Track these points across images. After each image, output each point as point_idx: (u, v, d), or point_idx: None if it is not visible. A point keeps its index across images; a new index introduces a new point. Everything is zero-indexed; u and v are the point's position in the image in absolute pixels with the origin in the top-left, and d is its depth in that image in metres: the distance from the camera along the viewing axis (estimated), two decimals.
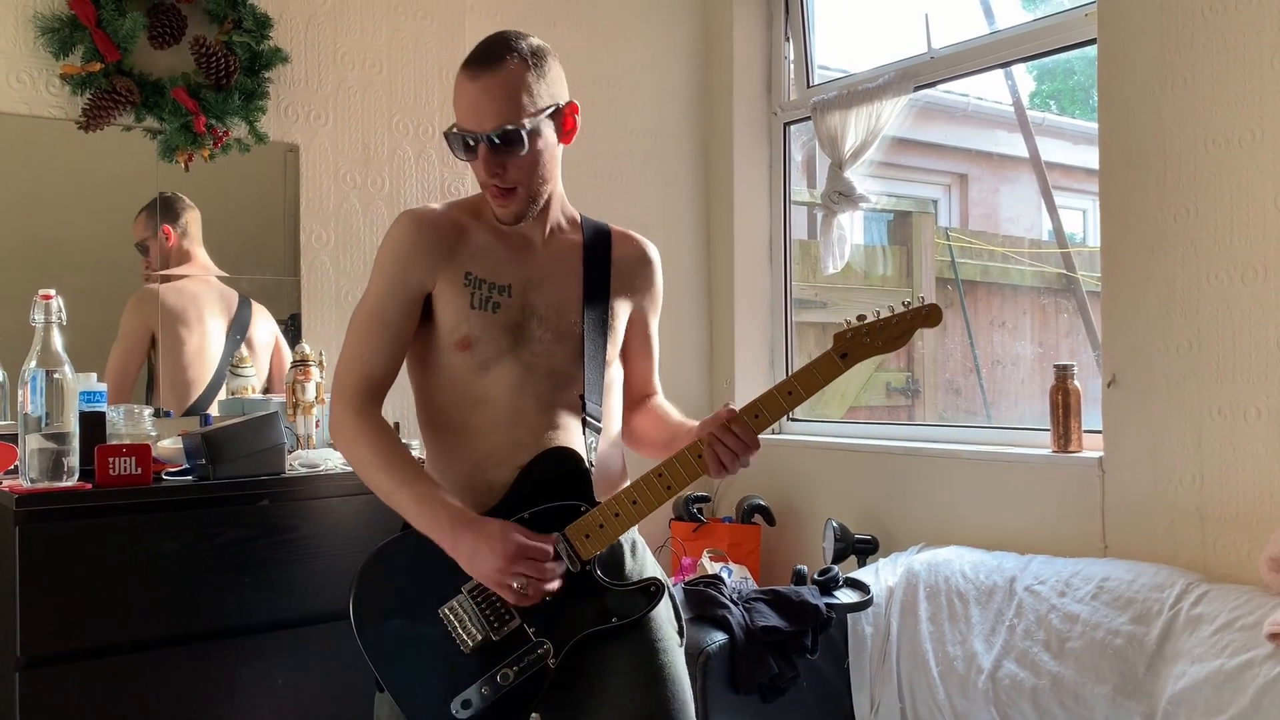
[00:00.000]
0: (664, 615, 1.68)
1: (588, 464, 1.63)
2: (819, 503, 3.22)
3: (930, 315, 1.61)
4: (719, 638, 2.35)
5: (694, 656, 2.29)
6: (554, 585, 1.55)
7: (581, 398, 1.66)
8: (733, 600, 2.47)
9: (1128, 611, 2.22)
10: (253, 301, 2.75)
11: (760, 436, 3.56)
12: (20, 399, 1.99)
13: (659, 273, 1.83)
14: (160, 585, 2.09)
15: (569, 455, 1.62)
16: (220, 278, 2.71)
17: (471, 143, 1.59)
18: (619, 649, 1.61)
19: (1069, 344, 3.58)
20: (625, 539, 1.69)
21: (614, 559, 1.66)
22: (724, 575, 2.77)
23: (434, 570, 1.57)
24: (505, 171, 1.59)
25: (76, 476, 2.03)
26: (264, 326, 2.75)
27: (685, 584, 2.58)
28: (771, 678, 2.37)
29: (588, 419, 1.66)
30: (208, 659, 2.13)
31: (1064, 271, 3.48)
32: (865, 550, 2.93)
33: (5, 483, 2.11)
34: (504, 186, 1.61)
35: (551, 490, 1.61)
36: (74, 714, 1.99)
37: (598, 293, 1.71)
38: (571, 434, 1.65)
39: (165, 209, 2.63)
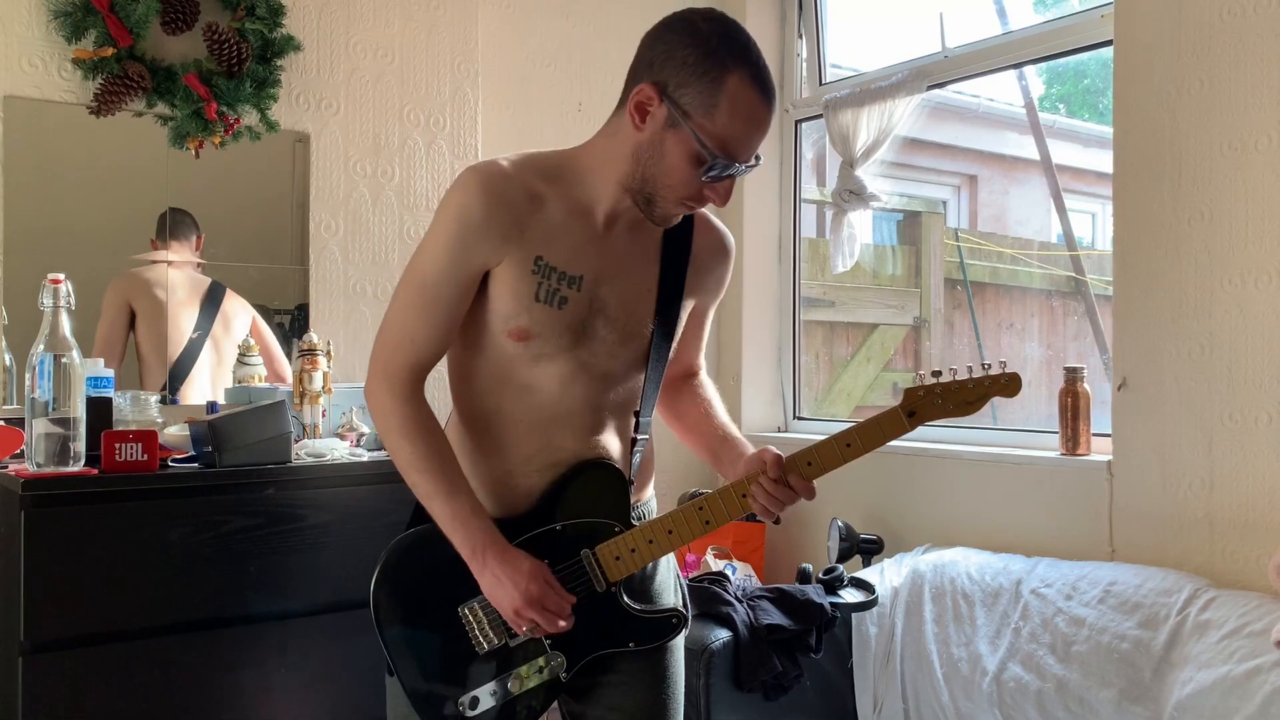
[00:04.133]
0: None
1: (629, 480, 1.57)
2: (824, 502, 3.18)
3: (1010, 385, 1.53)
4: (723, 635, 2.34)
5: (697, 653, 2.29)
6: (567, 627, 1.50)
7: (636, 414, 1.59)
8: (737, 598, 2.47)
9: (1135, 616, 2.21)
10: (225, 286, 2.72)
11: (766, 435, 3.55)
12: (28, 383, 1.99)
13: (731, 266, 1.71)
14: (165, 572, 2.09)
15: (611, 472, 1.56)
16: (217, 265, 2.70)
17: (727, 173, 1.45)
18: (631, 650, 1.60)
19: (1077, 347, 3.57)
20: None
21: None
22: (728, 572, 2.76)
23: (457, 570, 1.53)
24: None
25: (83, 462, 2.03)
26: (237, 307, 2.72)
27: (689, 580, 2.58)
28: (775, 676, 2.36)
29: (637, 437, 1.59)
30: (212, 647, 2.13)
31: (1073, 275, 3.47)
32: (870, 550, 2.92)
33: (11, 467, 2.11)
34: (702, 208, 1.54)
35: (588, 505, 1.55)
36: (77, 700, 1.99)
37: (672, 291, 1.58)
38: (615, 444, 1.58)
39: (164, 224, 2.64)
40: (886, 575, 2.66)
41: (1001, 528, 2.72)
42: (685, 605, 1.70)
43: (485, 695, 1.55)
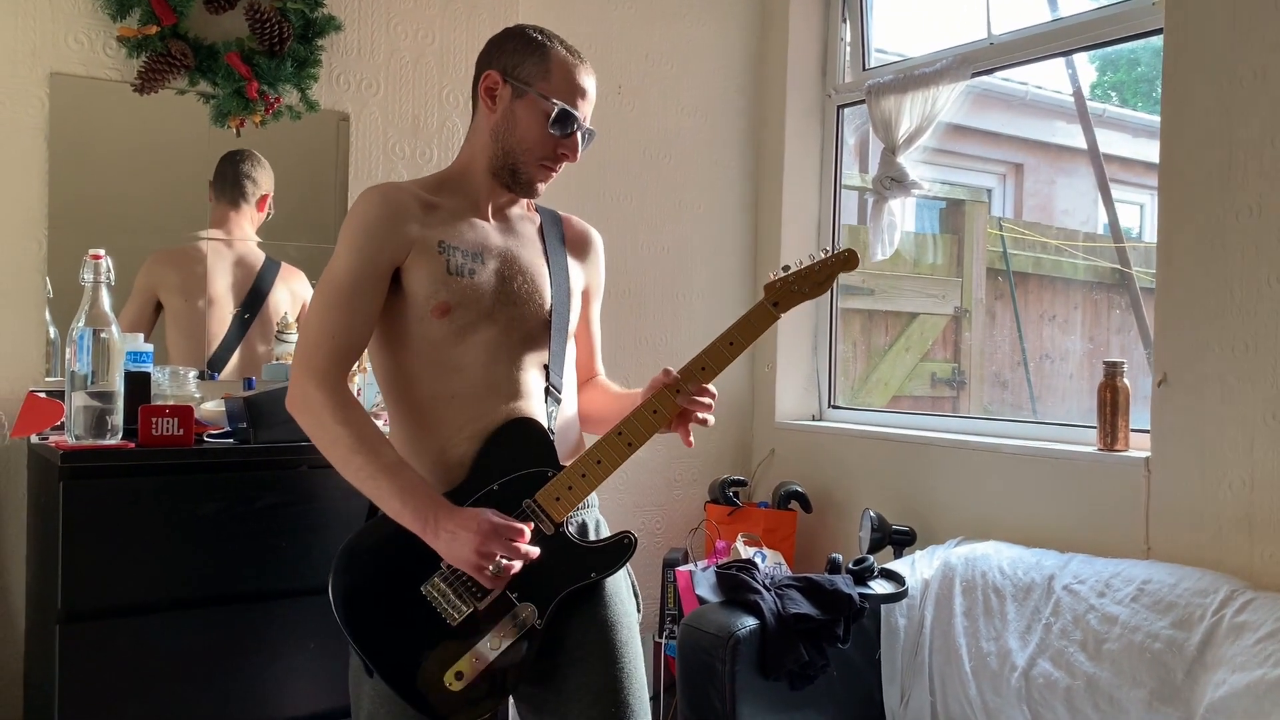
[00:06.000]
0: (625, 592, 1.75)
1: (549, 431, 1.68)
2: (857, 492, 3.19)
3: (848, 260, 1.74)
4: (750, 623, 2.34)
5: (723, 640, 2.29)
6: (533, 554, 1.59)
7: (546, 368, 1.72)
8: (765, 586, 2.46)
9: (1168, 615, 2.18)
10: (282, 264, 2.73)
11: (801, 423, 3.55)
12: (68, 357, 2.02)
13: (603, 256, 1.91)
14: (198, 546, 2.12)
15: (531, 424, 1.67)
16: (260, 243, 2.71)
17: (574, 127, 1.71)
18: (586, 628, 1.69)
19: (1120, 340, 3.51)
20: (589, 520, 1.76)
21: (582, 535, 1.73)
22: (758, 560, 2.75)
23: (410, 552, 1.59)
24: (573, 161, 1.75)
25: (120, 435, 2.06)
26: (286, 288, 2.74)
27: (718, 567, 2.57)
28: (802, 665, 2.35)
29: (550, 388, 1.71)
30: (242, 620, 2.16)
31: (1118, 266, 3.42)
32: (902, 542, 2.90)
33: (52, 438, 2.15)
34: (559, 169, 1.75)
35: (517, 459, 1.65)
36: (110, 668, 2.03)
37: (560, 263, 1.79)
38: (534, 403, 1.70)
39: (225, 169, 2.65)
40: (917, 567, 2.64)
41: (1036, 522, 2.69)
42: (636, 592, 1.81)
43: (468, 664, 1.60)
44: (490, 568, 1.54)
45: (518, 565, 1.57)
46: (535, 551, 1.59)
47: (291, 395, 1.63)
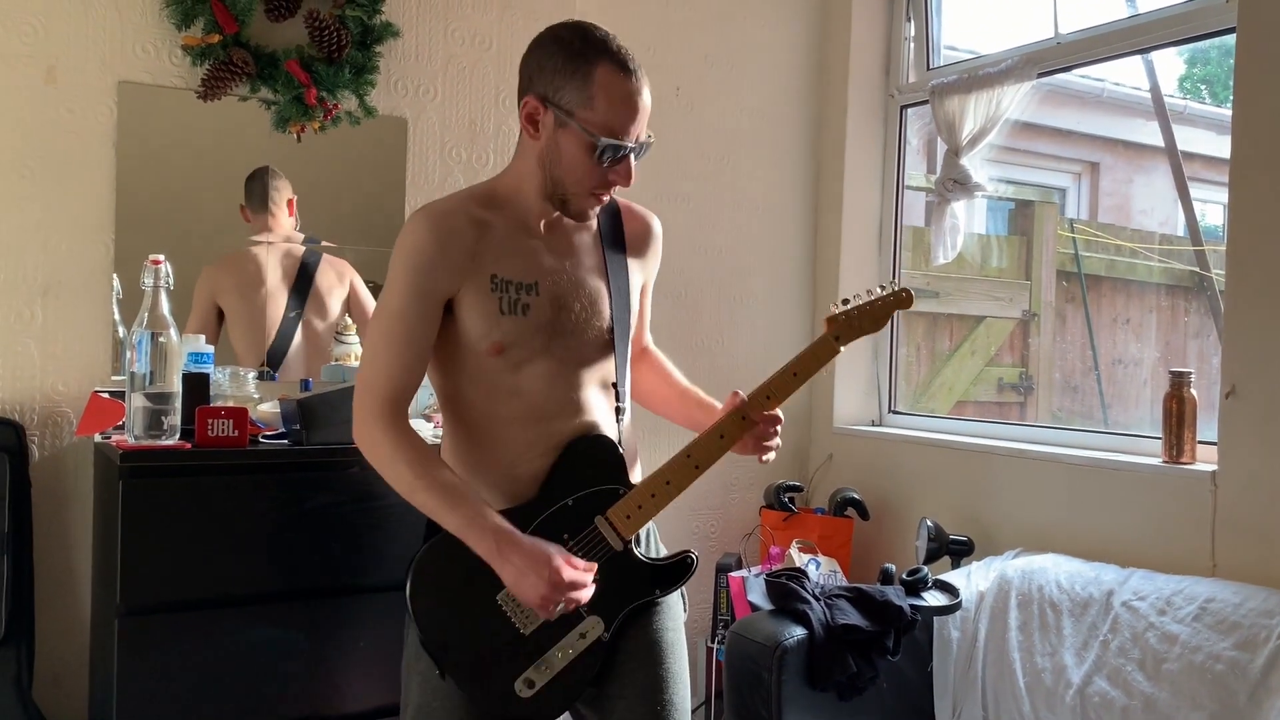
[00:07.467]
0: (673, 594, 1.77)
1: (619, 446, 1.69)
2: (916, 499, 3.13)
3: (903, 300, 1.77)
4: (798, 633, 2.31)
5: (770, 649, 2.27)
6: (586, 600, 1.62)
7: (615, 386, 1.73)
8: (814, 595, 2.43)
9: (1232, 636, 2.10)
10: (322, 255, 2.78)
11: (860, 429, 3.51)
12: (127, 359, 2.08)
13: (661, 243, 1.86)
14: (252, 544, 2.17)
15: (602, 440, 1.68)
16: (313, 247, 2.77)
17: (622, 154, 1.59)
18: (635, 629, 1.71)
19: (1197, 345, 3.40)
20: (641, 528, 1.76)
21: (635, 542, 1.74)
22: (810, 569, 2.72)
23: (485, 563, 1.59)
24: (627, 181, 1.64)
25: (177, 435, 2.12)
26: (330, 274, 2.79)
27: (767, 576, 2.55)
28: (850, 676, 2.32)
29: (620, 407, 1.73)
30: (295, 618, 2.21)
31: (1196, 269, 3.30)
32: (960, 552, 2.84)
33: (114, 438, 2.22)
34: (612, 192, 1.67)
35: (588, 476, 1.67)
36: (166, 661, 2.09)
37: (620, 271, 1.74)
38: (599, 416, 1.70)
39: (252, 186, 2.71)
40: (973, 579, 2.58)
41: (1097, 535, 2.61)
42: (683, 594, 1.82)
43: (538, 673, 1.63)
44: (556, 608, 1.57)
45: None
46: (590, 592, 1.61)
47: (357, 431, 1.64)
